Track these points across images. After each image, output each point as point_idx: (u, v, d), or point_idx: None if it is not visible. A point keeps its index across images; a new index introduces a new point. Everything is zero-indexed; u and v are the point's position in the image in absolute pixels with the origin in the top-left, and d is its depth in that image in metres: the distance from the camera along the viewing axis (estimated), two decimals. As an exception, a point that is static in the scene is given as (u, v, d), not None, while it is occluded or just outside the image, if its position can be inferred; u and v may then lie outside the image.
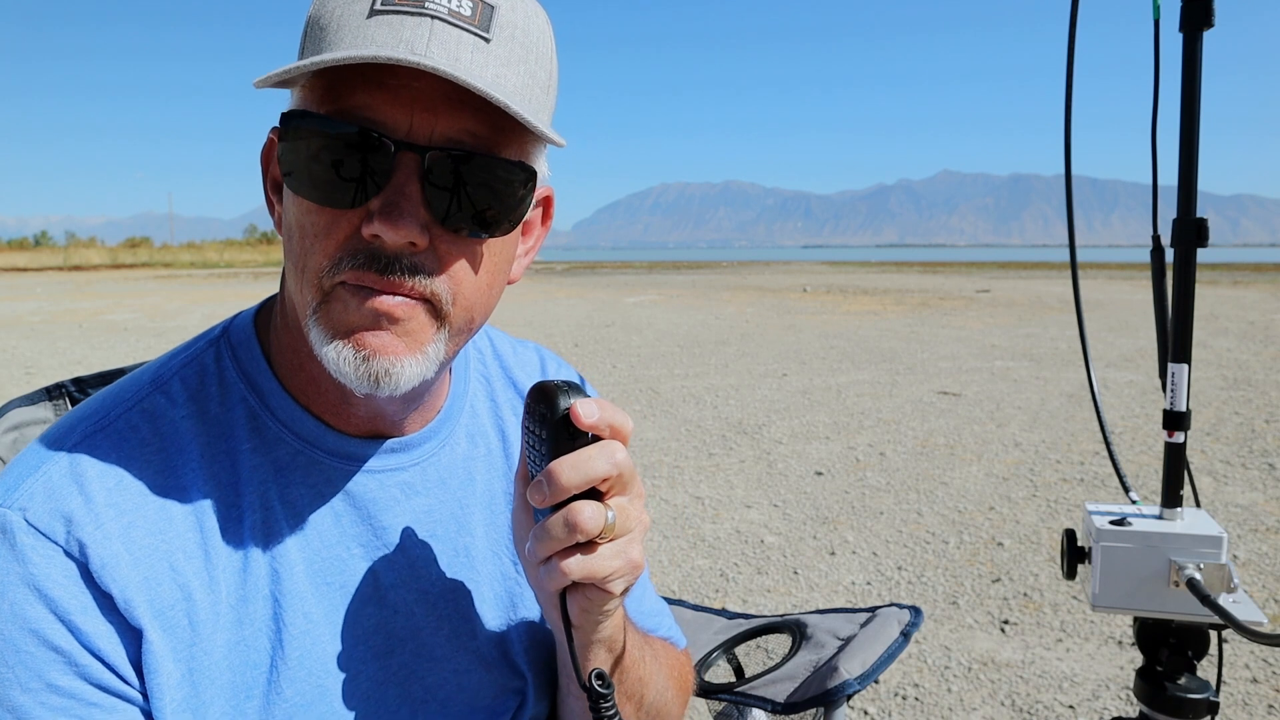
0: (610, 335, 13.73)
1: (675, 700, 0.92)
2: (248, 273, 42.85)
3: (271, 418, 0.77)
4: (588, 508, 0.67)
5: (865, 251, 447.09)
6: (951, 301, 20.66)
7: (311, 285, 0.68)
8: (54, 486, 0.68)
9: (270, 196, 0.77)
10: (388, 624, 0.80)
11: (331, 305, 0.68)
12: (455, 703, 0.83)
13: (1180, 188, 1.01)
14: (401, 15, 0.65)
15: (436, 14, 0.66)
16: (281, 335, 0.78)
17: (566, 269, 46.24)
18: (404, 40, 0.64)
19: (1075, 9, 1.07)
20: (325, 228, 0.67)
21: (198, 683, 0.70)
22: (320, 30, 0.67)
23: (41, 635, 0.65)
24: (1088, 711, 2.93)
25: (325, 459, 0.78)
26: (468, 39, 0.66)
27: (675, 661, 0.96)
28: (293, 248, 0.70)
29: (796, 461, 6.13)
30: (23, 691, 0.65)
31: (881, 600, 3.89)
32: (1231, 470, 5.68)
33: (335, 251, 0.67)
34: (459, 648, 0.84)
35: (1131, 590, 1.01)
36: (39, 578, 0.66)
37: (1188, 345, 1.03)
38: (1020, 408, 7.83)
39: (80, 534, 0.67)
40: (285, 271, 0.74)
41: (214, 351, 0.80)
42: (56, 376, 8.34)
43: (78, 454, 0.70)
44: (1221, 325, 14.20)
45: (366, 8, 0.66)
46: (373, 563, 0.80)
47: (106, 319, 17.04)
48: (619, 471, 0.68)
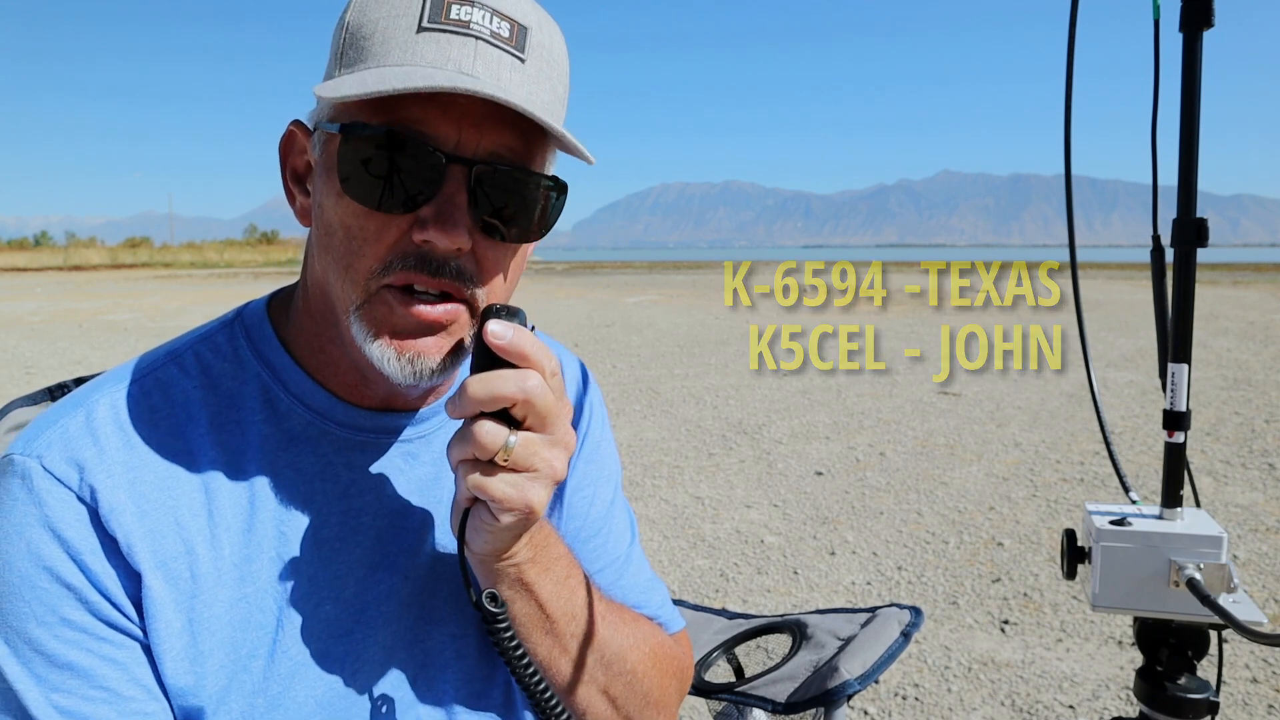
0: (610, 335, 13.72)
1: (646, 674, 0.90)
2: (248, 273, 42.83)
3: (285, 391, 0.81)
4: (487, 423, 0.69)
5: (865, 251, 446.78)
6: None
7: (357, 284, 0.73)
8: (70, 437, 0.74)
9: (291, 187, 0.81)
10: (395, 589, 0.83)
11: (375, 306, 0.73)
12: (454, 667, 0.86)
13: (1180, 188, 1.01)
14: (449, 34, 0.70)
15: (480, 35, 0.71)
16: (302, 319, 0.82)
17: (566, 269, 46.24)
18: (452, 59, 0.70)
19: (1075, 9, 1.07)
20: (376, 231, 0.72)
21: (197, 633, 0.73)
22: (364, 40, 0.71)
23: (55, 572, 0.70)
24: (1088, 711, 2.93)
25: (335, 429, 0.82)
26: (507, 59, 0.72)
27: (653, 637, 0.94)
28: (334, 245, 0.74)
29: (796, 461, 6.13)
30: (38, 624, 0.70)
31: (881, 600, 3.89)
32: (1231, 470, 5.68)
33: (385, 254, 0.72)
34: (455, 611, 0.86)
35: (1131, 590, 1.01)
36: (54, 519, 0.71)
37: (1188, 345, 1.03)
38: (1020, 408, 7.83)
39: (92, 480, 0.72)
40: (314, 263, 0.79)
41: (228, 331, 0.84)
42: (56, 376, 8.34)
43: (94, 412, 0.75)
44: (1221, 325, 14.20)
45: (414, 23, 0.70)
46: (378, 530, 0.83)
47: (106, 319, 17.04)
48: (526, 397, 0.70)
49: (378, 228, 0.71)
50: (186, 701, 0.73)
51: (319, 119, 0.76)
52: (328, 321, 0.79)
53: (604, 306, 20.00)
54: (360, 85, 0.67)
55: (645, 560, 1.04)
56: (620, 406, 8.10)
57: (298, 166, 0.81)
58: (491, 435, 0.69)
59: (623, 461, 5.53)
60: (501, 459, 0.70)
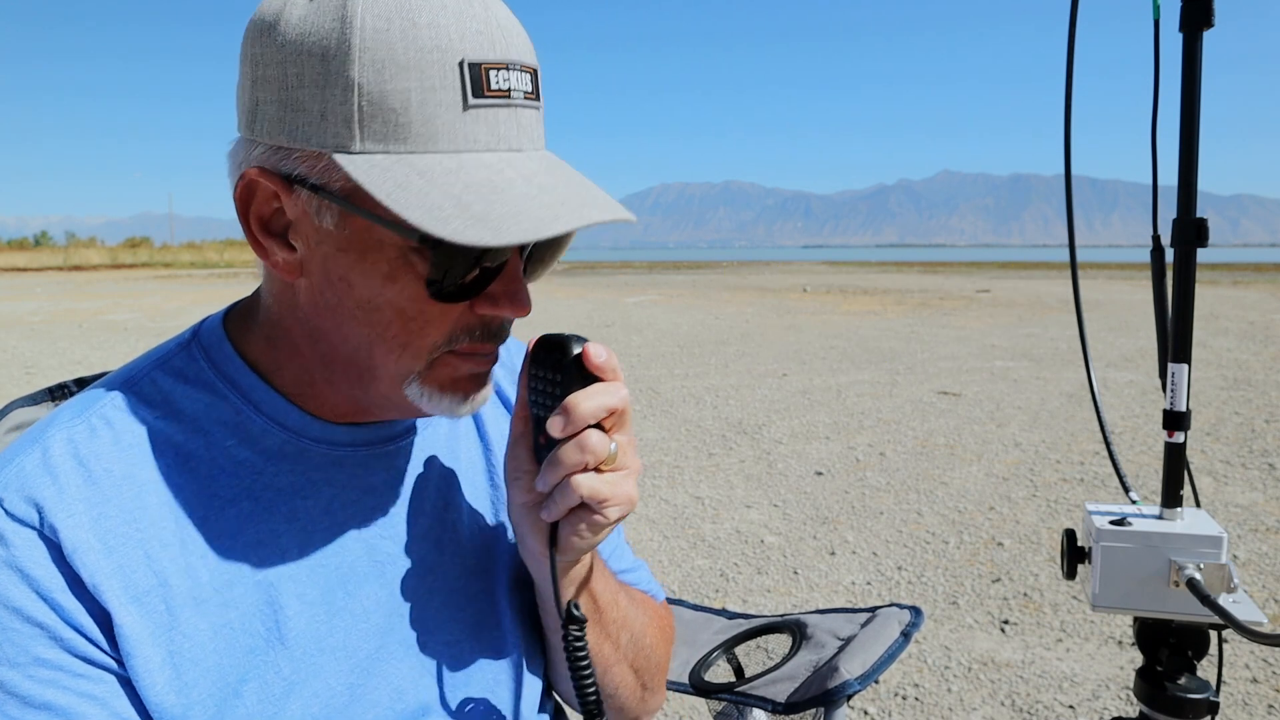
0: (610, 335, 13.72)
1: (657, 645, 0.98)
2: (247, 273, 42.79)
3: (256, 412, 0.79)
4: (596, 433, 0.74)
5: (865, 251, 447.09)
6: (951, 301, 20.66)
7: (419, 358, 0.74)
8: (27, 476, 0.71)
9: (261, 240, 0.73)
10: (385, 600, 0.83)
11: (438, 370, 0.75)
12: (448, 675, 0.86)
13: (1180, 188, 1.01)
14: (495, 109, 0.68)
15: (517, 101, 0.70)
16: (282, 352, 0.79)
17: (566, 269, 46.23)
18: (502, 138, 0.69)
19: (1075, 9, 1.07)
20: (441, 314, 0.73)
21: (179, 665, 0.72)
22: (395, 114, 0.65)
23: (25, 613, 0.68)
24: (1088, 711, 2.93)
25: (312, 446, 0.80)
26: (535, 116, 0.72)
27: (656, 611, 1.01)
28: (379, 322, 0.72)
29: (796, 461, 6.13)
30: (11, 667, 0.68)
31: (881, 600, 3.89)
32: (1231, 470, 5.68)
33: (450, 330, 0.74)
34: (449, 619, 0.86)
35: (1131, 590, 1.01)
36: (19, 559, 0.69)
37: (1188, 345, 1.03)
38: (1020, 408, 7.83)
39: (53, 519, 0.70)
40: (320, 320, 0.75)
41: (186, 354, 0.81)
42: (57, 376, 8.34)
43: (49, 449, 0.73)
44: (1221, 325, 14.20)
45: (457, 99, 0.66)
46: (365, 541, 0.82)
47: (106, 319, 17.03)
48: (624, 407, 0.76)
49: (442, 311, 0.73)
50: None
51: (322, 181, 0.68)
52: (334, 371, 0.77)
53: (604, 306, 20.00)
54: (493, 235, 0.63)
55: (628, 544, 1.09)
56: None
57: (264, 214, 0.72)
58: (602, 443, 0.74)
59: (623, 461, 5.50)
60: (604, 465, 0.75)
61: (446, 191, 0.65)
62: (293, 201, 0.70)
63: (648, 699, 0.98)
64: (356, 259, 0.70)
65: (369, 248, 0.70)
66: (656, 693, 1.00)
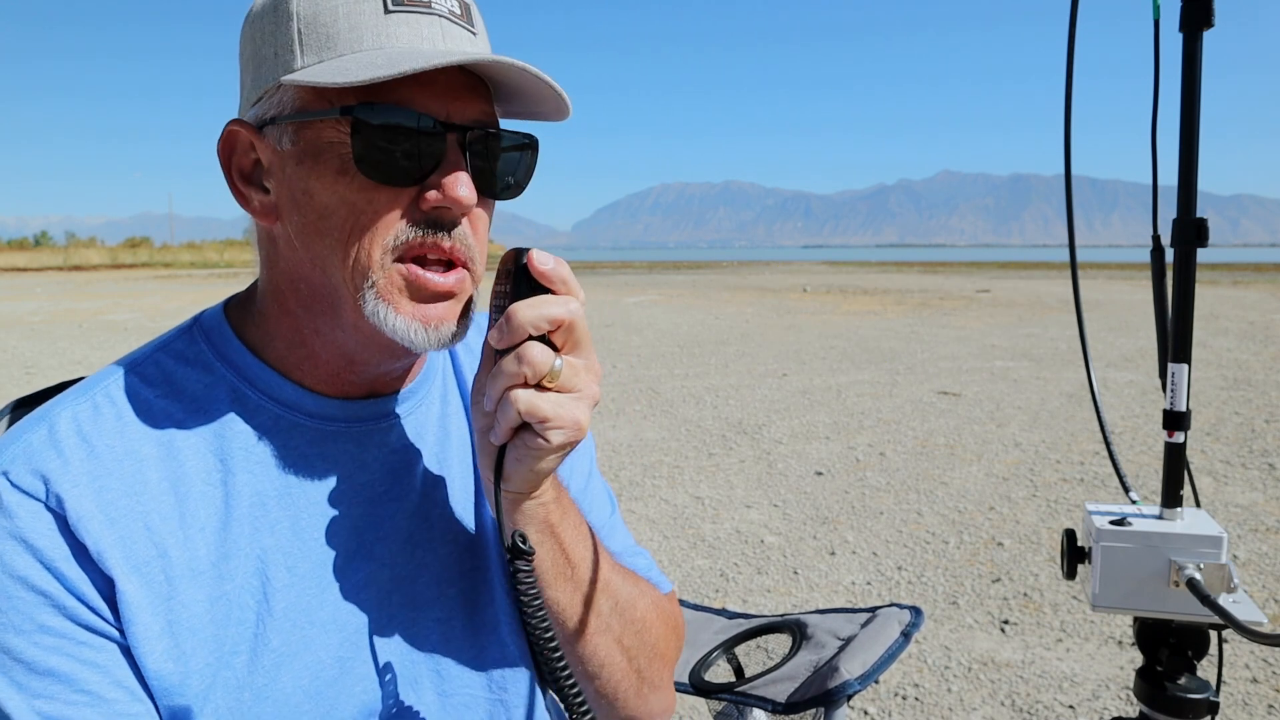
0: (610, 335, 13.73)
1: (653, 627, 0.93)
2: (247, 273, 42.48)
3: (252, 389, 0.82)
4: (536, 345, 0.72)
5: (865, 251, 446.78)
6: (951, 301, 20.66)
7: (369, 261, 0.74)
8: (33, 450, 0.74)
9: (242, 189, 0.81)
10: (375, 576, 0.84)
11: (391, 281, 0.75)
12: (440, 651, 0.86)
13: (1180, 188, 1.01)
14: (416, 15, 0.74)
15: (440, 13, 0.76)
16: (273, 317, 0.83)
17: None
18: (424, 38, 0.74)
19: (1075, 9, 1.07)
20: (386, 204, 0.74)
21: (178, 634, 0.74)
22: (327, 27, 0.74)
23: (29, 581, 0.70)
24: (1088, 711, 2.93)
25: (306, 421, 0.83)
26: (466, 35, 0.77)
27: (656, 595, 0.97)
28: (333, 227, 0.75)
29: (796, 461, 6.13)
30: (16, 634, 0.70)
31: (881, 600, 3.89)
32: (1231, 470, 5.68)
33: (396, 223, 0.74)
34: (439, 594, 0.87)
35: (1131, 590, 1.01)
36: (24, 530, 0.71)
37: (1188, 345, 1.03)
38: (1020, 408, 7.83)
39: (58, 490, 0.72)
40: (292, 256, 0.79)
41: (187, 338, 0.85)
42: (57, 376, 8.34)
43: (55, 426, 0.76)
44: (1221, 325, 14.20)
45: (379, 6, 0.74)
46: (356, 518, 0.84)
47: (106, 319, 17.04)
48: (571, 319, 0.73)
49: (388, 200, 0.74)
50: (172, 700, 0.74)
51: (279, 110, 0.76)
52: (314, 312, 0.80)
53: (604, 306, 20.01)
54: (369, 69, 0.69)
55: (628, 531, 1.06)
56: (620, 406, 8.10)
57: (244, 166, 0.81)
58: (543, 355, 0.72)
59: (623, 462, 5.51)
60: (548, 381, 0.73)
61: (357, 61, 0.71)
62: (264, 145, 0.78)
63: (647, 694, 0.92)
64: (311, 165, 0.75)
65: (320, 150, 0.74)
66: (659, 689, 0.94)
